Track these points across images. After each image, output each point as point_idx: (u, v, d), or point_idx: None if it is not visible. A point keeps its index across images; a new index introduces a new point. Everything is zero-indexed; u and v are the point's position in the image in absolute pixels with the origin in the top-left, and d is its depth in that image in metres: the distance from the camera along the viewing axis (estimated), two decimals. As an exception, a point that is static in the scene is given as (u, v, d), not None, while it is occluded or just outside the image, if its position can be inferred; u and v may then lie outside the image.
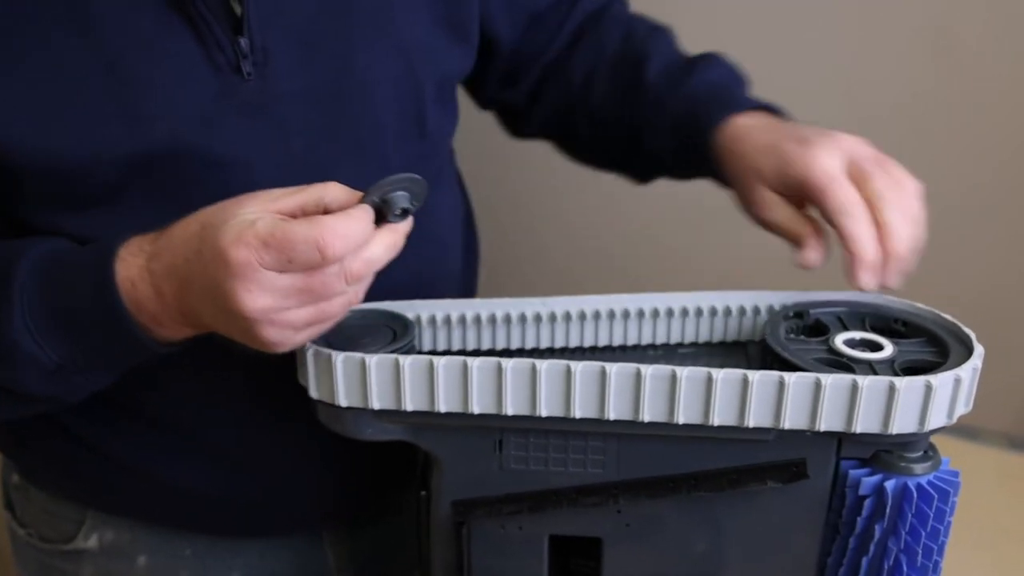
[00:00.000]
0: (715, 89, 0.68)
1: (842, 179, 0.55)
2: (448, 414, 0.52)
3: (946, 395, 0.49)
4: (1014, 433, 0.96)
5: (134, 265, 0.51)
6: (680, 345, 0.61)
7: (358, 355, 0.51)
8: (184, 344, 0.54)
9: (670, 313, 0.60)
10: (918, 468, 0.51)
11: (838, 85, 1.04)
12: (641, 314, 0.59)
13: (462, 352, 0.60)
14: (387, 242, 0.49)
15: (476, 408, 0.51)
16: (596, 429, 0.52)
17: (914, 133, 1.14)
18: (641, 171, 0.77)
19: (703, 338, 0.61)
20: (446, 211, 0.74)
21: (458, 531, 0.56)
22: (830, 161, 0.55)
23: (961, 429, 0.99)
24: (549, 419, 0.51)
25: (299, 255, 0.46)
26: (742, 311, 0.60)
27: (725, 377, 0.49)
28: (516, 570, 0.57)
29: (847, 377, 0.48)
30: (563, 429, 0.52)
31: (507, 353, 0.60)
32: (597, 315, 0.59)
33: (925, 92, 1.11)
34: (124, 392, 0.60)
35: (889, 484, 0.51)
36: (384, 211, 0.49)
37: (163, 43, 0.53)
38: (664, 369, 0.49)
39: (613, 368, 0.49)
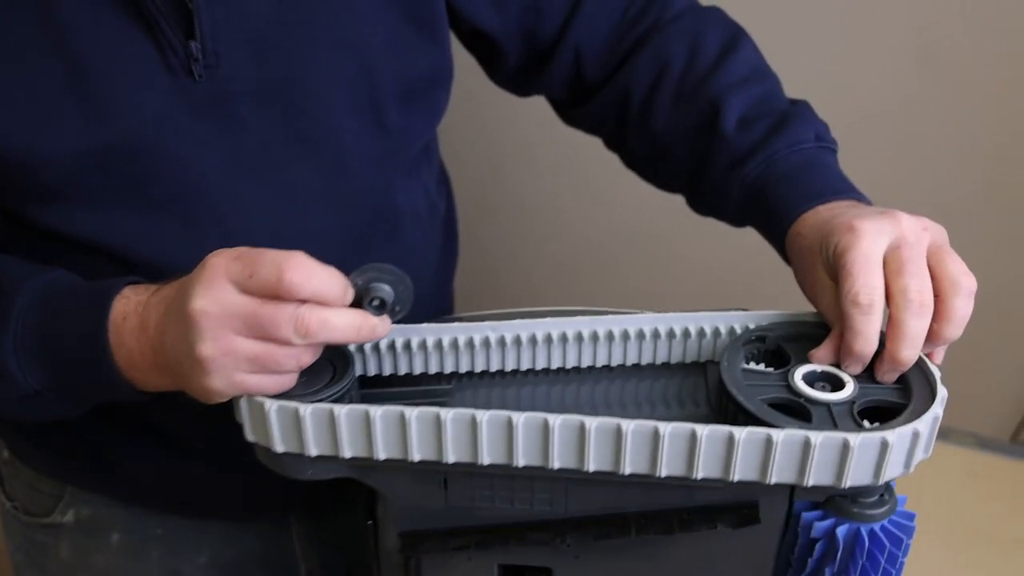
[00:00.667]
0: (796, 166, 0.61)
1: (871, 266, 0.50)
2: (388, 460, 0.50)
3: (903, 449, 0.47)
4: (983, 433, 0.96)
5: (134, 300, 0.52)
6: (637, 367, 0.58)
7: (292, 405, 0.49)
8: (151, 397, 0.54)
9: (625, 336, 0.57)
10: (872, 513, 0.49)
11: (822, 89, 1.00)
12: (595, 337, 0.57)
13: (409, 377, 0.58)
14: (353, 320, 0.48)
15: (416, 456, 0.49)
16: (541, 474, 0.50)
17: (898, 137, 1.11)
18: (696, 205, 0.72)
19: (661, 359, 0.58)
20: (414, 210, 0.72)
21: (406, 561, 0.55)
22: (871, 246, 0.51)
23: None
24: (492, 466, 0.49)
25: (260, 270, 0.46)
26: (702, 333, 0.57)
27: (673, 432, 0.47)
28: (466, 596, 0.57)
29: (799, 434, 0.46)
30: (507, 474, 0.50)
31: (457, 377, 0.58)
32: (549, 339, 0.57)
33: (909, 96, 1.08)
34: None
35: (841, 530, 0.50)
36: (362, 296, 0.49)
37: (121, 44, 0.55)
38: (609, 423, 0.47)
39: (557, 420, 0.47)
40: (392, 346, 0.57)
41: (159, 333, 0.50)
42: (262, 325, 0.46)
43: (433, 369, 0.57)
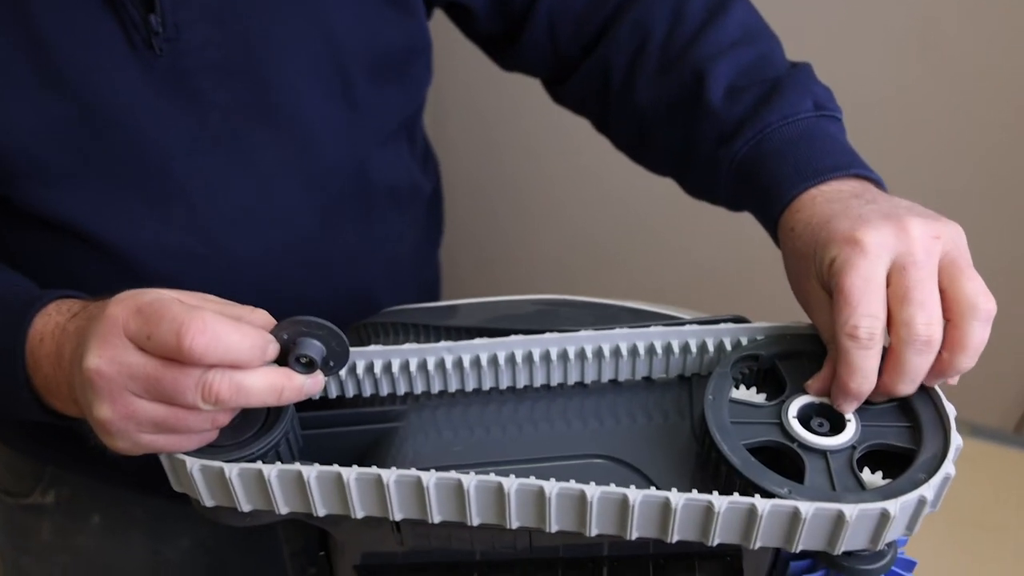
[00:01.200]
0: (790, 139, 0.52)
1: (871, 292, 0.43)
2: (329, 516, 0.45)
3: (906, 516, 0.41)
4: (977, 422, 0.91)
5: (52, 321, 0.48)
6: (615, 383, 0.52)
7: (216, 464, 0.43)
8: (74, 423, 0.50)
9: (600, 355, 0.50)
10: (868, 568, 0.44)
11: (823, 79, 0.91)
12: (565, 357, 0.50)
13: (360, 398, 0.52)
14: (274, 382, 0.42)
15: (359, 513, 0.44)
16: (498, 530, 0.45)
17: (900, 128, 1.03)
18: (689, 188, 0.64)
19: (641, 374, 0.52)
20: (391, 189, 0.68)
21: (363, 594, 0.52)
22: (873, 267, 0.43)
23: None
24: (444, 523, 0.44)
25: (159, 333, 0.40)
26: (686, 348, 0.50)
27: (644, 500, 0.41)
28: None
29: (787, 505, 0.40)
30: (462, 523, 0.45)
31: (413, 397, 0.52)
32: (512, 359, 0.50)
33: (910, 87, 1.00)
34: None
35: (832, 585, 0.45)
36: (287, 351, 0.43)
37: (82, 17, 0.53)
38: (572, 488, 0.41)
39: (512, 485, 0.42)
40: (353, 369, 0.50)
41: (71, 370, 0.45)
42: (163, 390, 0.41)
43: (385, 391, 0.51)
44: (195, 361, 0.40)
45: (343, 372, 0.50)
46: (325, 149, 0.61)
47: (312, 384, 0.44)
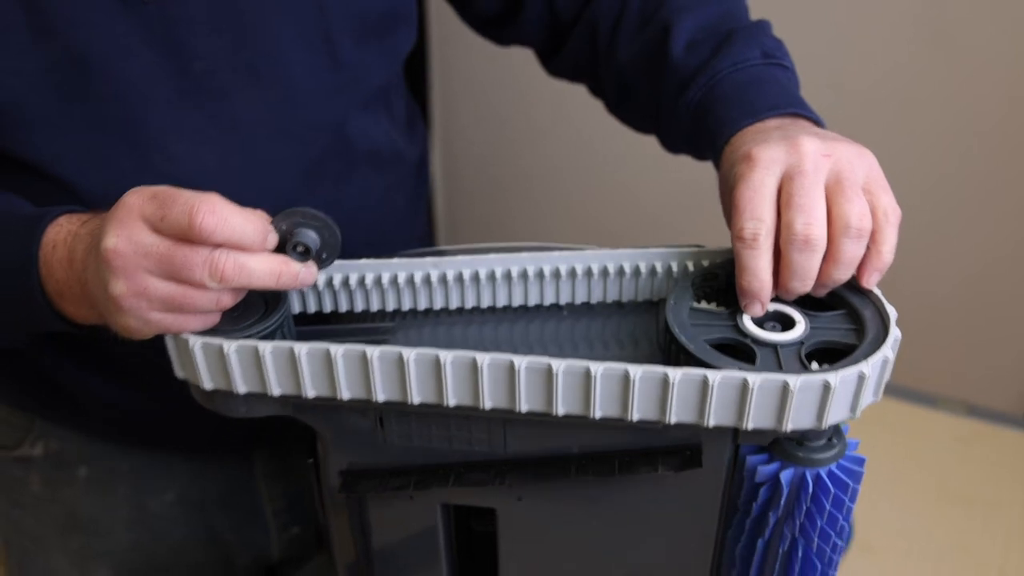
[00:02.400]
0: (737, 83, 0.57)
1: (758, 198, 0.47)
2: (317, 398, 0.49)
3: (848, 392, 0.45)
4: (973, 401, 0.95)
5: (64, 230, 0.51)
6: (589, 305, 0.56)
7: (216, 341, 0.47)
8: (87, 331, 0.53)
9: (573, 274, 0.55)
10: (819, 457, 0.48)
11: (827, 68, 0.96)
12: (540, 275, 0.55)
13: (351, 314, 0.56)
14: (273, 265, 0.47)
15: (345, 395, 0.48)
16: (473, 414, 0.48)
17: (904, 115, 1.09)
18: (665, 143, 0.69)
19: (612, 297, 0.56)
20: (372, 151, 0.70)
21: (348, 500, 0.55)
22: (763, 176, 0.48)
23: (920, 396, 0.97)
24: (423, 405, 0.48)
25: (172, 214, 0.44)
26: (653, 271, 0.55)
27: (605, 372, 0.45)
28: (411, 537, 0.56)
29: (736, 376, 0.44)
30: (441, 412, 0.49)
31: (401, 315, 0.57)
32: (492, 276, 0.55)
33: (914, 75, 1.06)
34: None
35: (785, 474, 0.48)
36: (285, 240, 0.48)
37: None
38: (539, 362, 0.45)
39: (485, 359, 0.46)
40: (330, 283, 0.55)
41: (83, 267, 0.49)
42: (174, 267, 0.45)
43: (375, 307, 0.56)
44: (204, 239, 0.44)
45: (336, 284, 0.54)
46: (306, 108, 0.63)
47: (306, 273, 0.48)
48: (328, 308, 0.56)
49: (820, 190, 0.47)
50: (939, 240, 1.20)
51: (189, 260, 0.45)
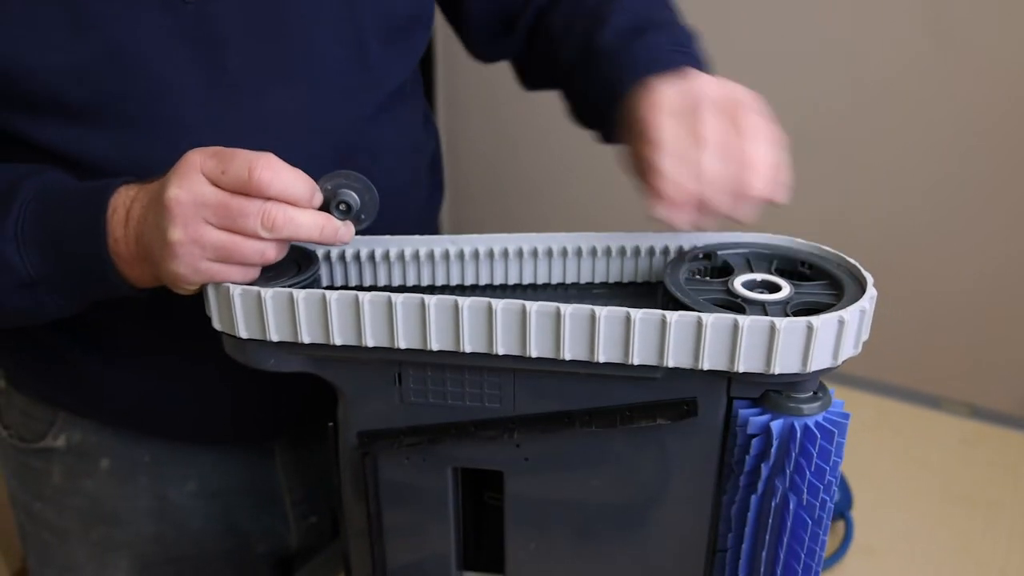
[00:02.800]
0: (637, 59, 0.64)
1: (664, 116, 0.53)
2: (343, 347, 0.53)
3: (829, 336, 0.49)
4: (977, 403, 0.98)
5: (123, 195, 0.55)
6: (592, 285, 0.61)
7: (255, 288, 0.52)
8: (138, 293, 0.57)
9: (579, 253, 0.60)
10: (806, 408, 0.51)
11: (835, 59, 1.04)
12: (549, 253, 0.60)
13: (372, 289, 0.61)
14: (317, 220, 0.53)
15: (369, 341, 0.52)
16: (487, 364, 0.52)
17: (908, 116, 1.16)
18: (603, 136, 0.74)
19: (614, 278, 0.61)
20: (394, 146, 0.75)
21: (363, 460, 0.58)
22: (665, 99, 0.54)
23: (924, 397, 1.01)
24: (440, 353, 0.52)
25: (232, 167, 0.50)
26: (651, 252, 0.60)
27: (608, 315, 0.49)
28: (421, 500, 0.59)
29: (728, 317, 0.48)
30: (456, 364, 0.53)
31: (419, 290, 0.61)
32: (511, 253, 0.60)
33: (920, 66, 1.12)
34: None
35: (776, 424, 0.51)
36: (329, 201, 0.54)
37: None
38: (549, 306, 0.50)
39: (499, 304, 0.50)
40: (357, 256, 0.60)
41: (140, 222, 0.54)
42: (231, 215, 0.50)
43: (396, 281, 0.61)
44: (260, 192, 0.50)
45: (363, 257, 0.60)
46: (336, 105, 0.66)
47: (346, 230, 0.53)
48: (353, 281, 0.61)
49: (723, 110, 0.54)
50: (944, 240, 1.23)
51: (245, 209, 0.50)
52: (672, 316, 0.49)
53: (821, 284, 0.55)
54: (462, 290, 0.61)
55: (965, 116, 1.16)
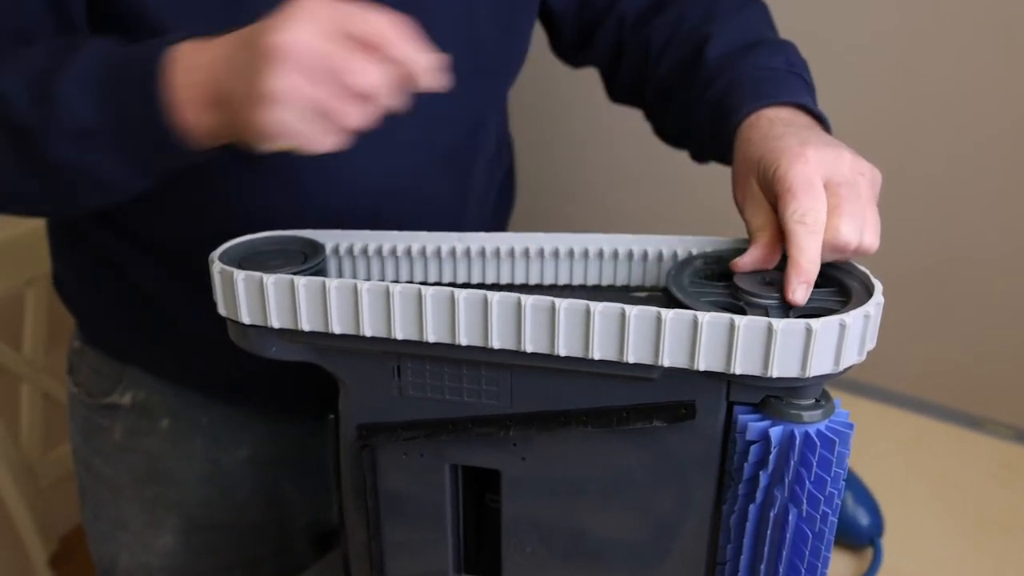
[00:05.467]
0: (758, 78, 0.64)
1: (813, 192, 0.53)
2: (342, 336, 0.53)
3: (830, 341, 0.48)
4: (1022, 425, 0.94)
5: (186, 45, 0.52)
6: (598, 288, 0.61)
7: (257, 274, 0.53)
8: (198, 155, 0.54)
9: (585, 255, 0.60)
10: (806, 416, 0.50)
11: (898, 72, 1.03)
12: (556, 254, 0.60)
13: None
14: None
15: (367, 331, 0.53)
16: (483, 358, 0.52)
17: (973, 121, 1.13)
18: (695, 153, 0.76)
19: (621, 281, 0.60)
20: (486, 150, 0.76)
21: (362, 452, 0.58)
22: (813, 171, 0.53)
23: (964, 417, 0.97)
24: (436, 345, 0.52)
25: (354, 23, 0.47)
26: (660, 256, 0.59)
27: (603, 310, 0.49)
28: (418, 498, 0.59)
29: (725, 316, 0.48)
30: (453, 357, 0.53)
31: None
32: (517, 252, 0.60)
33: (986, 84, 1.10)
34: (164, 234, 0.69)
35: (775, 430, 0.50)
36: None
37: None
38: (544, 300, 0.49)
39: (495, 297, 0.50)
40: (364, 251, 0.61)
41: (223, 65, 0.50)
42: (333, 67, 0.47)
43: (404, 278, 0.61)
44: (378, 47, 0.47)
45: (370, 252, 0.60)
46: (453, 96, 0.62)
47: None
48: (362, 276, 0.61)
49: (862, 202, 0.53)
50: (993, 256, 1.20)
51: (349, 62, 0.47)
52: (668, 313, 0.48)
53: (829, 291, 0.54)
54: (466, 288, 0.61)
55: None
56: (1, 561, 1.37)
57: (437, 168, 0.72)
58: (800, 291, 0.52)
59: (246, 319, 0.54)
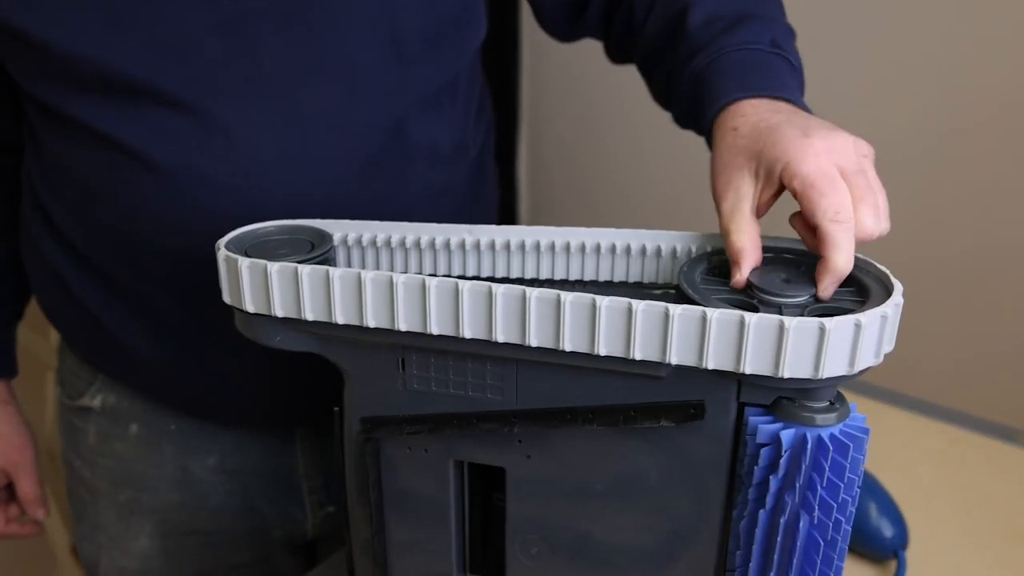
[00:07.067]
0: (740, 60, 0.62)
1: (837, 185, 0.51)
2: (346, 326, 0.52)
3: (845, 341, 0.46)
4: None
5: None
6: (610, 283, 0.59)
7: (261, 262, 0.52)
8: None
9: (598, 250, 0.58)
10: (819, 419, 0.48)
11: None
12: (567, 248, 0.58)
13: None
14: None
15: (371, 322, 0.52)
16: (487, 352, 0.51)
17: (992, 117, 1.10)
18: (677, 119, 0.73)
19: (634, 277, 0.59)
20: (430, 148, 0.74)
21: (365, 445, 0.57)
22: (829, 163, 0.51)
23: (998, 429, 0.94)
24: (440, 338, 0.51)
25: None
26: (674, 252, 0.58)
27: (609, 304, 0.47)
28: (423, 494, 0.58)
29: (735, 313, 0.46)
30: (457, 350, 0.52)
31: (435, 280, 0.61)
32: (528, 246, 0.59)
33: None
34: (116, 268, 0.69)
35: (786, 433, 0.48)
36: None
37: None
38: (549, 293, 0.48)
39: (499, 289, 0.49)
40: (373, 242, 0.60)
41: None
42: None
43: (413, 269, 0.60)
44: None
45: (379, 243, 0.59)
46: (369, 104, 0.66)
47: None
48: (370, 267, 0.61)
49: (873, 189, 0.52)
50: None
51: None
52: (676, 309, 0.47)
53: (847, 291, 0.52)
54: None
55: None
56: (23, 547, 1.39)
57: (359, 179, 0.69)
58: (832, 288, 0.51)
59: (250, 307, 0.54)
